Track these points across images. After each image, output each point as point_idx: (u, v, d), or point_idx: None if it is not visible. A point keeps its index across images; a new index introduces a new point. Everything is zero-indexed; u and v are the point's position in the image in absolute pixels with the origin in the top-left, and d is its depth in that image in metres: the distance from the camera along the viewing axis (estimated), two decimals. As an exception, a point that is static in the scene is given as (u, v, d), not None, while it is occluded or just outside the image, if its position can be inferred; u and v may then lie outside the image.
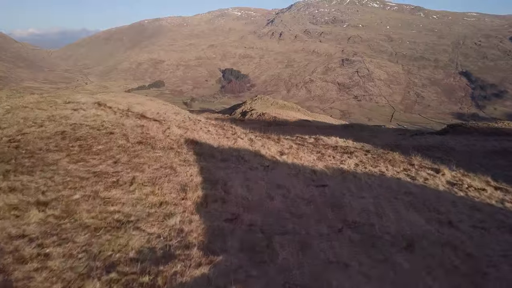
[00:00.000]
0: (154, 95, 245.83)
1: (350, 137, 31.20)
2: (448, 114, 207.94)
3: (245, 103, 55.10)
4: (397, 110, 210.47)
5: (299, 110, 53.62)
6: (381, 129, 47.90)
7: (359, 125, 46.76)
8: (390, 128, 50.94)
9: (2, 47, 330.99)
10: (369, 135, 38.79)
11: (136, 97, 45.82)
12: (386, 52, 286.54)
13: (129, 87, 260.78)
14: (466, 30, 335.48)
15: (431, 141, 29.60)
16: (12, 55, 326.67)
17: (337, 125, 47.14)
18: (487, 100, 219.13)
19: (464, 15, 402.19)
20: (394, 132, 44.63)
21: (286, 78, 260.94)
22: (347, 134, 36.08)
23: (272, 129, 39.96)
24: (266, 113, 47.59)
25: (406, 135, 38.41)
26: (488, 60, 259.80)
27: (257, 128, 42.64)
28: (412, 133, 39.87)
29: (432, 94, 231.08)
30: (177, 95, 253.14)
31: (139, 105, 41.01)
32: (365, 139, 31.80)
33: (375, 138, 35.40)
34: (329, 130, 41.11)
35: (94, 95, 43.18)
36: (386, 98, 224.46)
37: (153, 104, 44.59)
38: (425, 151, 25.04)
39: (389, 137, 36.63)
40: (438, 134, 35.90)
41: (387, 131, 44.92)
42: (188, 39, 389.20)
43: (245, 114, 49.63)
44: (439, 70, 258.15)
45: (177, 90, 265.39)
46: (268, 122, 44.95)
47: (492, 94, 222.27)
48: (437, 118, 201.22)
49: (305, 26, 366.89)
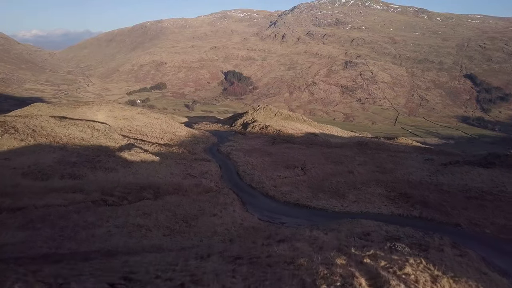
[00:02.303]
0: (156, 98, 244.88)
1: (370, 166, 28.06)
2: (453, 117, 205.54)
3: (247, 114, 52.78)
4: (401, 113, 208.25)
5: (305, 121, 51.31)
6: (400, 149, 41.82)
7: (375, 143, 42.14)
8: (409, 146, 45.31)
9: (4, 48, 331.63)
10: (390, 161, 34.02)
11: (124, 110, 44.05)
12: (389, 55, 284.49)
13: (131, 90, 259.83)
14: (471, 32, 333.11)
15: (478, 180, 25.61)
16: (14, 57, 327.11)
17: (349, 143, 43.53)
18: (492, 103, 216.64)
19: (468, 17, 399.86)
20: (419, 156, 37.37)
21: (288, 80, 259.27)
22: (366, 164, 32.38)
23: (277, 149, 37.10)
24: (270, 125, 45.28)
25: (437, 164, 32.91)
26: (493, 62, 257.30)
27: (258, 147, 39.93)
28: (444, 162, 33.57)
29: (437, 97, 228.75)
30: (179, 97, 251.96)
31: (125, 121, 39.22)
32: (387, 170, 29.09)
33: (400, 168, 30.74)
34: (341, 151, 38.18)
35: (76, 109, 41.51)
36: (390, 101, 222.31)
37: (142, 119, 42.69)
38: (481, 200, 21.11)
39: (418, 167, 31.47)
40: (480, 166, 30.41)
41: (410, 154, 39.03)
42: (190, 41, 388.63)
43: (246, 126, 47.49)
44: (444, 72, 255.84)
45: (179, 92, 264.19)
46: (272, 137, 42.64)
47: (497, 97, 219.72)
48: (441, 121, 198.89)
49: (308, 28, 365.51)
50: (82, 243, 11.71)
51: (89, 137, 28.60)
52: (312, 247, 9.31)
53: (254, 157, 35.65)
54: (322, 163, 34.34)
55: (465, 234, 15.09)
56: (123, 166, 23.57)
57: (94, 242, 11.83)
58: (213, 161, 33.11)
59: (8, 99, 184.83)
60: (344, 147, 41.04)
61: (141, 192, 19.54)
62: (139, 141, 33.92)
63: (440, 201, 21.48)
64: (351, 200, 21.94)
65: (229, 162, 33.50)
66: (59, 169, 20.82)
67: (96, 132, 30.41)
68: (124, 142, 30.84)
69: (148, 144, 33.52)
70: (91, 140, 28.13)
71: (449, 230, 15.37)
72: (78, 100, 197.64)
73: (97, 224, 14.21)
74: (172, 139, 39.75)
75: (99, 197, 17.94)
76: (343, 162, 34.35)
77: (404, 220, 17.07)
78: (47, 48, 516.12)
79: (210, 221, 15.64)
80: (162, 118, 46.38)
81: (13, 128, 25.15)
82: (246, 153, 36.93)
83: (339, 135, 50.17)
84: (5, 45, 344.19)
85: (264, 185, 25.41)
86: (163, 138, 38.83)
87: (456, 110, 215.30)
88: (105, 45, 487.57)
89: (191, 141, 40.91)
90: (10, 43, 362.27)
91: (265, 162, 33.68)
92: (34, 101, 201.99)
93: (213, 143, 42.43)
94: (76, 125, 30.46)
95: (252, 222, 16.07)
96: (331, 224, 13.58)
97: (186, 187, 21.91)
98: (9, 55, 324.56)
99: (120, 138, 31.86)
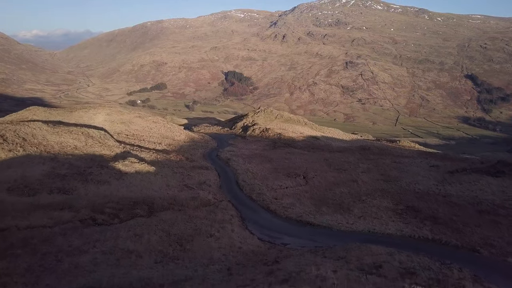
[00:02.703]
0: (156, 98, 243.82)
1: (374, 173, 27.17)
2: (454, 118, 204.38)
3: (247, 116, 51.62)
4: (401, 113, 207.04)
5: (306, 124, 50.09)
6: (404, 153, 40.22)
7: (377, 147, 40.92)
8: (413, 150, 43.94)
9: (5, 49, 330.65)
10: (394, 167, 32.59)
11: (122, 114, 42.83)
12: (390, 55, 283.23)
13: (131, 90, 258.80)
14: (471, 32, 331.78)
15: (488, 191, 24.51)
16: (15, 57, 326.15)
17: (351, 147, 42.26)
18: (493, 104, 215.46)
19: (468, 17, 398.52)
20: (423, 162, 35.54)
21: (289, 80, 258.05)
22: (370, 172, 30.99)
23: (278, 155, 35.86)
24: (270, 128, 44.14)
25: (443, 171, 31.39)
26: (494, 63, 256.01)
27: (259, 152, 38.81)
28: (450, 170, 31.94)
29: (437, 98, 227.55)
30: (179, 97, 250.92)
31: (123, 125, 38.01)
32: (392, 178, 27.91)
33: (405, 176, 29.47)
34: (344, 156, 36.81)
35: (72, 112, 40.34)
36: (391, 102, 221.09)
37: (140, 123, 41.54)
38: (494, 215, 19.95)
39: (424, 175, 29.97)
40: (489, 174, 29.10)
41: (414, 159, 37.37)
42: (190, 41, 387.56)
43: (246, 129, 46.37)
44: (444, 73, 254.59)
45: (179, 92, 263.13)
46: (272, 141, 41.46)
47: (498, 98, 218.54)
48: (442, 122, 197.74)
49: (309, 28, 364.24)
50: (63, 276, 10.59)
51: (82, 145, 27.45)
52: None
53: (255, 163, 34.58)
54: (325, 170, 33.16)
55: (485, 262, 13.93)
56: (116, 178, 22.41)
57: (76, 275, 10.71)
58: (212, 169, 32.03)
59: (8, 100, 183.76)
60: (346, 152, 39.88)
61: (134, 208, 18.40)
62: (135, 148, 32.83)
63: (451, 216, 20.34)
64: (356, 215, 20.76)
65: (229, 169, 32.49)
66: (47, 183, 19.69)
67: (91, 139, 29.25)
68: (119, 149, 29.72)
69: (145, 151, 32.40)
70: (85, 149, 27.00)
71: (467, 257, 14.23)
72: (78, 101, 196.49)
73: (83, 249, 13.08)
74: (170, 144, 38.71)
75: (89, 215, 16.81)
76: (346, 169, 33.20)
77: (416, 243, 15.90)
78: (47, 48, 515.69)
79: (206, 243, 14.49)
80: (161, 121, 45.27)
81: (1, 137, 24.01)
82: (246, 159, 35.87)
83: (340, 138, 49.05)
84: (6, 45, 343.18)
85: (264, 197, 24.27)
86: (161, 144, 37.75)
87: (457, 111, 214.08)
88: (105, 45, 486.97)
89: (190, 146, 39.89)
90: (11, 43, 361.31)
91: (266, 170, 32.59)
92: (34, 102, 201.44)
93: (212, 148, 41.41)
94: (70, 132, 29.29)
95: (251, 244, 14.91)
96: (338, 251, 12.44)
97: (182, 201, 20.76)
98: (9, 55, 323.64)
99: (115, 145, 30.75)
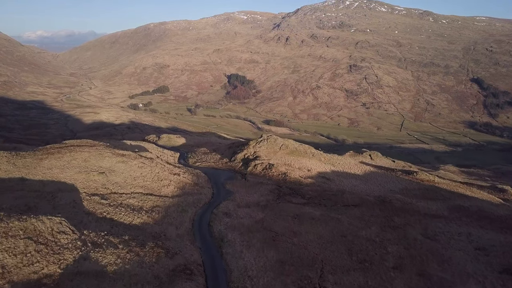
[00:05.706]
0: (158, 101, 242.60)
1: (409, 272, 21.41)
2: (460, 123, 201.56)
3: (249, 146, 48.18)
4: (406, 118, 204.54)
5: (314, 156, 46.90)
6: (432, 210, 29.41)
7: (400, 201, 33.28)
8: (437, 192, 37.63)
9: (7, 50, 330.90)
10: (430, 251, 25.51)
11: (102, 158, 37.02)
12: (394, 58, 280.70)
13: (133, 93, 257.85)
14: (477, 35, 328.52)
15: None
16: (17, 59, 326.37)
17: (368, 197, 37.14)
18: (499, 108, 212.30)
19: (474, 20, 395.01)
20: (463, 233, 26.47)
21: (292, 84, 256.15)
22: (404, 270, 22.85)
23: (283, 224, 27.96)
24: (274, 165, 41.42)
25: (496, 266, 23.98)
26: (500, 66, 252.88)
27: (260, 215, 31.39)
28: (502, 264, 24.30)
29: (443, 102, 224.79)
30: (182, 101, 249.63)
31: (100, 176, 31.20)
32: (436, 282, 21.87)
33: (452, 277, 22.54)
34: (363, 222, 28.56)
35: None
36: (395, 106, 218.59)
37: (123, 171, 35.73)
38: None
39: (474, 272, 23.23)
40: None
41: (449, 226, 26.89)
42: (193, 43, 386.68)
43: (247, 163, 43.53)
44: (450, 76, 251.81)
45: (182, 95, 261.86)
46: (277, 184, 38.17)
47: (505, 102, 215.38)
48: (448, 127, 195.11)
49: (312, 30, 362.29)
50: None
51: (14, 264, 15.45)
52: None
53: (255, 249, 22.23)
54: (345, 265, 22.15)
55: None
56: None
57: None
58: (197, 274, 20.45)
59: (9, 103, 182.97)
60: (364, 207, 32.89)
61: None
62: (102, 234, 20.58)
63: None
64: None
65: (221, 266, 22.42)
66: None
67: (32, 246, 16.91)
68: (73, 255, 17.52)
69: (113, 240, 20.15)
70: (15, 274, 15.03)
71: None
72: (80, 104, 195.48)
73: None
74: (153, 208, 26.75)
75: None
76: (373, 261, 22.59)
77: None
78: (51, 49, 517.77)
79: None
80: (148, 165, 38.14)
81: None
82: (245, 240, 23.53)
83: (352, 172, 45.66)
84: (9, 47, 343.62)
85: None
86: (141, 210, 25.10)
87: (462, 115, 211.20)
88: (108, 46, 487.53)
89: (177, 208, 28.06)
90: (13, 45, 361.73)
91: (269, 267, 20.66)
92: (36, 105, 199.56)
93: (205, 203, 32.34)
94: (6, 235, 16.78)
95: None
96: None
97: None
98: (12, 57, 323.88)
99: (67, 249, 17.84)
